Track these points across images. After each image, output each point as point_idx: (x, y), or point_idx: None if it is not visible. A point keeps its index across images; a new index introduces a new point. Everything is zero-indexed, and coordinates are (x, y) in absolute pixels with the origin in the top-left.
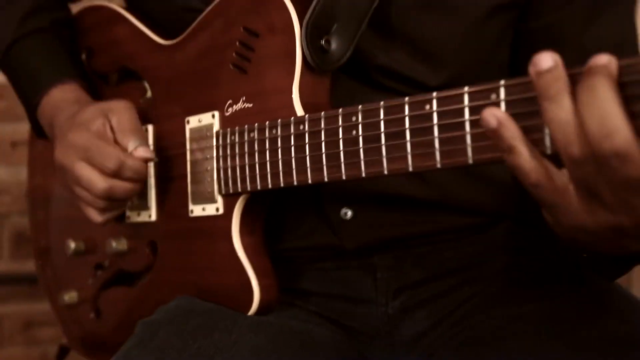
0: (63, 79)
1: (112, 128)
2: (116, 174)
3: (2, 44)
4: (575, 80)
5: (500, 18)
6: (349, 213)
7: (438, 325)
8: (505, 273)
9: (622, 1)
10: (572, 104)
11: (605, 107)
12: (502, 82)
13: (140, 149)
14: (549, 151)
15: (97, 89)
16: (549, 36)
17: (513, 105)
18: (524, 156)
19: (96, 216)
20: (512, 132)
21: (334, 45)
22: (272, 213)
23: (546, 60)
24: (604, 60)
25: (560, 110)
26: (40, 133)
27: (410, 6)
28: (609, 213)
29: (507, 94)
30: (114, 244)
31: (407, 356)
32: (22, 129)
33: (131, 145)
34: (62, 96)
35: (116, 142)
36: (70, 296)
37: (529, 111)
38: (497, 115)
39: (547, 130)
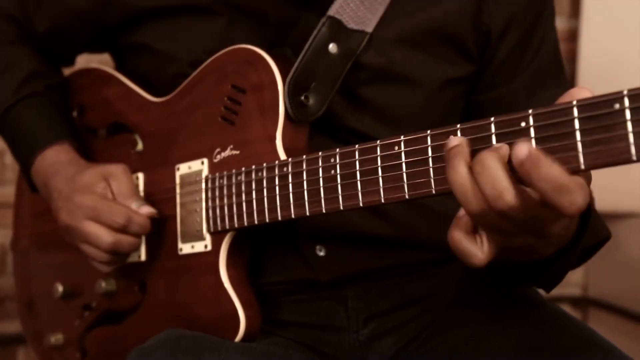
0: (56, 140)
1: (112, 192)
2: (123, 229)
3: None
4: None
5: (452, 90)
6: (323, 250)
7: (404, 349)
8: (460, 300)
9: (560, 77)
10: (468, 172)
11: (494, 174)
12: (459, 125)
13: (143, 207)
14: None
15: (88, 142)
16: (497, 106)
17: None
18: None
19: (103, 267)
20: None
21: (311, 100)
22: (254, 251)
23: (455, 139)
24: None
25: (458, 175)
26: (35, 188)
27: (377, 78)
28: (519, 237)
29: (462, 133)
30: (103, 284)
31: None
32: (7, 191)
33: (134, 205)
34: (56, 157)
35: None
36: (56, 338)
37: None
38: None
39: None
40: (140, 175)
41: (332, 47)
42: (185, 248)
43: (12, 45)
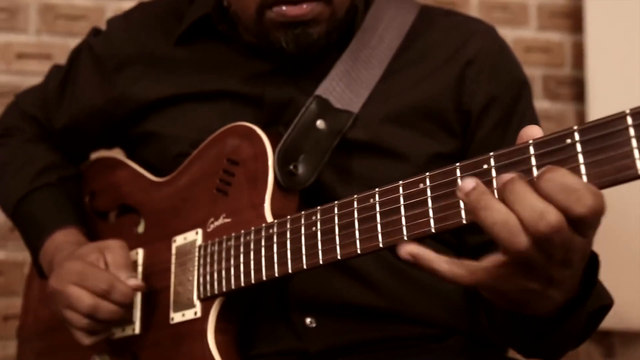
0: (65, 224)
1: (106, 263)
2: (105, 295)
3: (14, 198)
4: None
5: (439, 164)
6: (313, 321)
7: None
8: None
9: None
10: (504, 205)
11: (528, 198)
12: (427, 173)
13: (131, 280)
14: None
15: (97, 225)
16: None
17: (437, 188)
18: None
19: (83, 338)
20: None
21: (300, 170)
22: (244, 323)
23: (469, 182)
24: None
25: (497, 213)
26: (42, 273)
27: (364, 151)
28: (544, 273)
29: (431, 180)
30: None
31: None
32: (17, 303)
33: (123, 276)
34: (65, 238)
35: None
36: None
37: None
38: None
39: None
40: (140, 251)
41: (320, 123)
42: (177, 317)
43: (31, 142)
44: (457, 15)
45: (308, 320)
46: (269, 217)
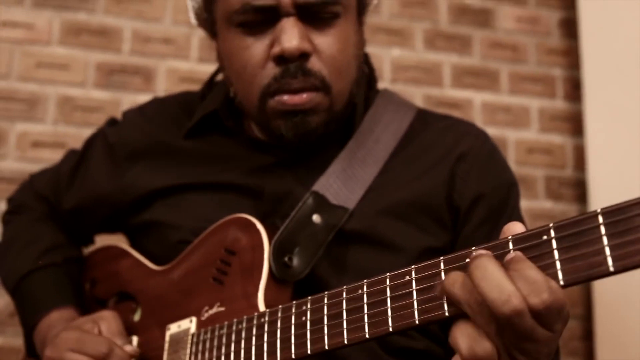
0: (63, 304)
1: (100, 332)
2: (105, 358)
3: (17, 275)
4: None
5: (432, 257)
6: None
7: None
8: None
9: None
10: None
11: (497, 277)
12: (413, 266)
13: (127, 346)
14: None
15: (95, 312)
16: None
17: (422, 280)
18: None
19: None
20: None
21: (295, 262)
22: None
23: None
24: (483, 251)
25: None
26: (32, 353)
27: (359, 243)
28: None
29: (416, 272)
30: None
31: None
32: None
33: (119, 342)
34: (59, 317)
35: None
36: None
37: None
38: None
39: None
40: (135, 338)
41: (316, 218)
42: None
43: (39, 222)
44: (452, 119)
45: None
46: (262, 307)
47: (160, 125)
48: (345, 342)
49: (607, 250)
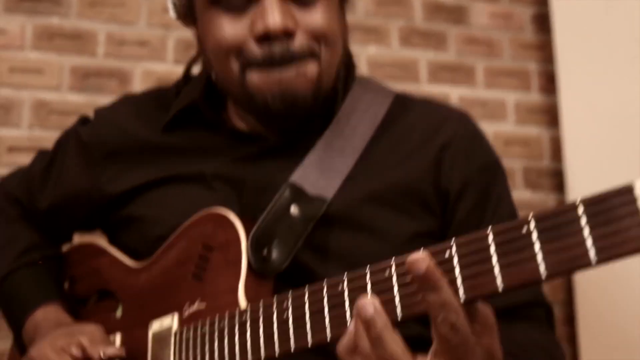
0: (46, 301)
1: (82, 345)
2: None
3: None
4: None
5: (419, 242)
6: None
7: None
8: None
9: None
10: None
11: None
12: (393, 258)
13: (109, 349)
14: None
15: (76, 311)
16: None
17: (404, 276)
18: None
19: None
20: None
21: (274, 255)
22: None
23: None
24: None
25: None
26: (23, 352)
27: (342, 230)
28: None
29: (397, 267)
30: None
31: None
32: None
33: (100, 352)
34: (45, 316)
35: (86, 355)
36: None
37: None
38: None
39: None
40: (118, 336)
41: (294, 210)
42: None
43: (15, 223)
44: (431, 102)
45: None
46: (243, 302)
47: (135, 122)
48: (329, 339)
49: (589, 242)
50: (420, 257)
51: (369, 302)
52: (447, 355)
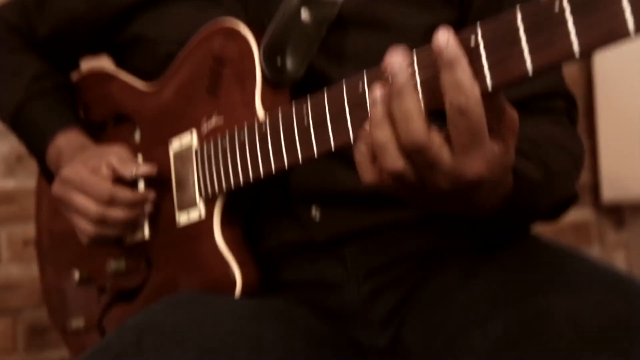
0: (66, 126)
1: (112, 165)
2: (109, 204)
3: (11, 107)
4: None
5: None
6: (317, 210)
7: (406, 301)
8: (464, 253)
9: None
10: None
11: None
12: (414, 50)
13: (141, 167)
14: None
15: (94, 137)
16: None
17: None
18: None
19: (88, 240)
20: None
21: (289, 63)
22: (250, 218)
23: (374, 94)
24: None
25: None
26: (51, 179)
27: (358, 30)
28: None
29: (418, 59)
30: (113, 264)
31: (382, 332)
32: (33, 229)
33: (131, 171)
34: (67, 141)
35: (116, 175)
36: (77, 322)
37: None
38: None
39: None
40: (140, 156)
41: (304, 14)
42: (182, 220)
43: (19, 52)
44: None
45: (313, 211)
46: (261, 113)
47: None
48: (352, 140)
49: (628, 12)
50: (440, 32)
51: (398, 56)
52: (457, 140)
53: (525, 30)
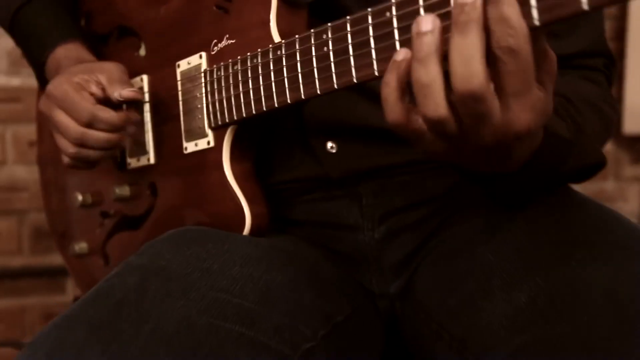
0: (67, 38)
1: (101, 84)
2: (89, 125)
3: (9, 10)
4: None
5: None
6: (334, 145)
7: (422, 246)
8: (483, 198)
9: None
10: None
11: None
12: None
13: (125, 90)
14: None
15: (97, 49)
16: None
17: None
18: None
19: (70, 162)
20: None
21: None
22: (261, 150)
23: (426, 23)
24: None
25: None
26: None
27: None
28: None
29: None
30: (117, 190)
31: (394, 279)
32: None
33: (117, 93)
34: (66, 54)
35: (105, 94)
36: (80, 247)
37: None
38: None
39: None
40: (145, 77)
41: None
42: (190, 146)
43: None
44: None
45: (329, 145)
46: (276, 37)
47: None
48: (376, 73)
49: None
50: None
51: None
52: (508, 86)
53: None
